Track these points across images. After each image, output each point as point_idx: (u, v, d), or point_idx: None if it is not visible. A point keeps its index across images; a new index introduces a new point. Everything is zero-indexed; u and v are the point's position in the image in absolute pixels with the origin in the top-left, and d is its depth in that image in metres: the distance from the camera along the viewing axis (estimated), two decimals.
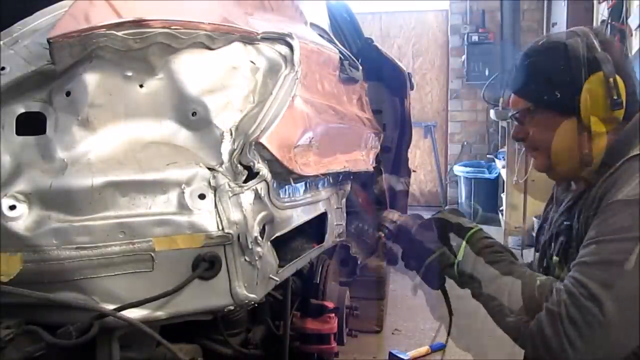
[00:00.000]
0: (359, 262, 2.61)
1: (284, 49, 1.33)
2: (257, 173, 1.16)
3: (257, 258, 1.16)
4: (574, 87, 1.18)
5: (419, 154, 6.46)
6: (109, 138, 1.11)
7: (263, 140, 1.17)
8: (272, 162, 1.19)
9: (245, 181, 1.15)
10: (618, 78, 1.16)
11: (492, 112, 5.43)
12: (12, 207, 1.02)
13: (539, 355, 1.07)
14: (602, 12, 4.10)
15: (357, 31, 3.19)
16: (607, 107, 1.16)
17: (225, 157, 1.16)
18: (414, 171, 3.81)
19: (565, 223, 1.25)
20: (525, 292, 1.11)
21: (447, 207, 1.50)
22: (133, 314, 1.05)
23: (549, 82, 1.21)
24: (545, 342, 1.05)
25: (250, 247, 1.14)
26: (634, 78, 1.22)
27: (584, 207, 1.18)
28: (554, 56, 1.21)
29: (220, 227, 1.10)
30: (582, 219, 1.17)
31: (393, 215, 1.48)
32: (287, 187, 1.32)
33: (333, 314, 1.79)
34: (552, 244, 1.28)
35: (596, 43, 1.18)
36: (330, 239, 1.68)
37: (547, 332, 1.04)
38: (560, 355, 1.03)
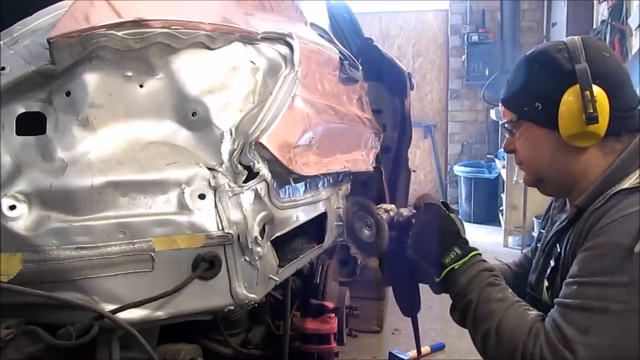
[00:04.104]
0: (359, 262, 2.62)
1: (284, 49, 1.34)
2: (257, 173, 1.16)
3: (257, 258, 1.16)
4: (552, 99, 1.15)
5: (419, 154, 6.46)
6: (109, 138, 1.11)
7: (263, 140, 1.17)
8: (272, 162, 1.19)
9: (245, 181, 1.15)
10: (600, 91, 1.12)
11: (492, 112, 5.44)
12: (12, 207, 1.02)
13: None
14: (602, 12, 4.11)
15: (357, 31, 3.19)
16: (582, 122, 1.12)
17: (225, 157, 1.16)
18: (414, 171, 3.81)
19: (554, 248, 1.23)
20: (513, 325, 1.08)
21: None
22: (133, 314, 1.05)
23: (530, 93, 1.20)
24: None
25: (250, 247, 1.14)
26: (628, 92, 1.18)
27: (573, 235, 1.15)
28: (536, 67, 1.20)
29: (220, 227, 1.10)
30: (570, 249, 1.14)
31: (387, 206, 1.46)
32: (287, 187, 1.32)
33: (333, 314, 1.80)
34: (544, 266, 1.26)
35: (581, 54, 1.14)
36: (330, 239, 1.68)
37: None
38: None
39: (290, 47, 1.33)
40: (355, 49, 3.01)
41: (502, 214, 5.18)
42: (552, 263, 1.22)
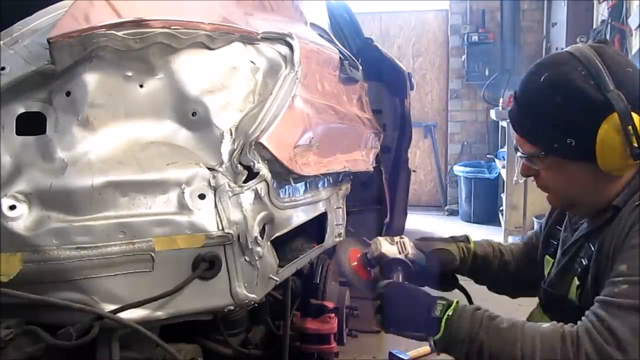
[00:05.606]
0: None
1: (284, 49, 1.34)
2: (257, 173, 1.16)
3: (257, 258, 1.16)
4: (586, 134, 1.07)
5: (419, 154, 6.45)
6: (109, 138, 1.11)
7: (263, 140, 1.17)
8: (272, 162, 1.19)
9: (245, 181, 1.15)
10: (635, 116, 1.04)
11: (492, 112, 5.44)
12: (12, 207, 1.02)
13: None
14: (602, 12, 4.10)
15: (357, 31, 3.19)
16: (626, 156, 1.05)
17: (225, 157, 1.16)
18: (414, 171, 3.81)
19: (587, 245, 1.18)
20: (539, 343, 1.03)
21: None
22: (133, 314, 1.05)
23: (558, 129, 1.10)
24: None
25: (250, 247, 1.14)
26: None
27: (613, 232, 1.09)
28: (559, 99, 1.09)
29: (220, 227, 1.10)
30: (610, 246, 1.09)
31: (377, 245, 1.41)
32: (287, 187, 1.32)
33: (333, 314, 1.79)
34: (570, 265, 1.22)
35: (608, 77, 1.05)
36: (330, 239, 1.68)
37: None
38: None
39: (290, 47, 1.33)
40: (355, 49, 3.01)
41: (502, 214, 5.18)
42: (584, 262, 1.17)
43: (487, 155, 6.03)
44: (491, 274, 1.50)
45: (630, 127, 1.03)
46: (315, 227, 1.61)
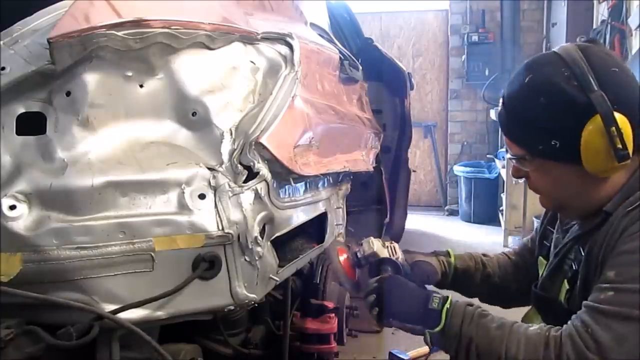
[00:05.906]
0: None
1: (284, 49, 1.34)
2: (257, 173, 1.16)
3: (257, 258, 1.16)
4: (570, 135, 1.06)
5: (419, 154, 6.46)
6: (109, 138, 1.11)
7: (263, 140, 1.17)
8: (272, 162, 1.19)
9: (245, 181, 1.15)
10: (622, 118, 1.03)
11: (492, 112, 5.44)
12: (12, 207, 1.02)
13: None
14: (602, 12, 4.10)
15: (357, 31, 3.20)
16: (611, 158, 1.04)
17: (225, 157, 1.16)
18: (414, 171, 3.81)
19: (574, 252, 1.18)
20: (523, 346, 1.05)
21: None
22: (133, 314, 1.05)
23: (542, 130, 1.10)
24: None
25: (250, 247, 1.14)
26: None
27: (602, 237, 1.09)
28: (543, 100, 1.09)
29: (220, 227, 1.10)
30: (599, 251, 1.09)
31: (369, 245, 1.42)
32: (287, 187, 1.32)
33: (333, 314, 1.79)
34: (559, 268, 1.22)
35: (592, 78, 1.04)
36: (330, 239, 1.67)
37: None
38: None
39: (290, 47, 1.33)
40: (355, 49, 3.01)
41: (502, 214, 5.18)
42: (574, 266, 1.17)
43: (487, 155, 6.03)
44: (474, 287, 1.50)
45: (613, 128, 1.03)
46: (315, 227, 1.61)
